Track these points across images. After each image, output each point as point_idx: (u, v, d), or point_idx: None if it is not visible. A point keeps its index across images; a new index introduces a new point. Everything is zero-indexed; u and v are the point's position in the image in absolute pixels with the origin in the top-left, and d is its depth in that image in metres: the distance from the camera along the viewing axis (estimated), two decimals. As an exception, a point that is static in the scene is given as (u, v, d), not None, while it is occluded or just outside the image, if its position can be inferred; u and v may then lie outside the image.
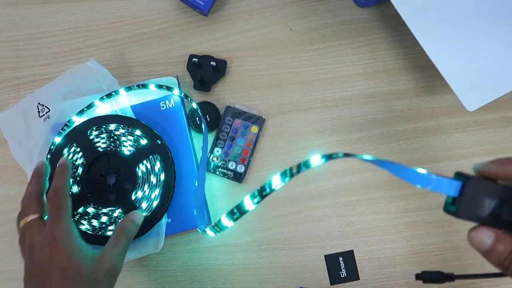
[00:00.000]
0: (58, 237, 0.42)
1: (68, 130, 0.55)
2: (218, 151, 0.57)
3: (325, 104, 0.59)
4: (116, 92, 0.55)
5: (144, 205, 0.53)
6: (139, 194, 0.53)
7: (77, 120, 0.55)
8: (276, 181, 0.33)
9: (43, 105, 0.56)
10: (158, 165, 0.53)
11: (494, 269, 0.33)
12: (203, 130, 0.55)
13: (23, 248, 0.43)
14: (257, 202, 0.35)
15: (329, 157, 0.32)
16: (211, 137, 0.58)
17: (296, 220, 0.57)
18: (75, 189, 0.53)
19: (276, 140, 0.58)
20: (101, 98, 0.55)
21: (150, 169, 0.53)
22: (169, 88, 0.55)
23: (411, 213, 0.57)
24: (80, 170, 0.54)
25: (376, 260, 0.56)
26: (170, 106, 0.56)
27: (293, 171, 0.32)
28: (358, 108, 0.59)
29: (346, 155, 0.32)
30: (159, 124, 0.55)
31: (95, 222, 0.53)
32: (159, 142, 0.53)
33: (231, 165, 0.57)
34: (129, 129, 0.54)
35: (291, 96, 0.59)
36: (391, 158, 0.58)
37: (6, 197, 0.57)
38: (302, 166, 0.32)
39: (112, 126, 0.54)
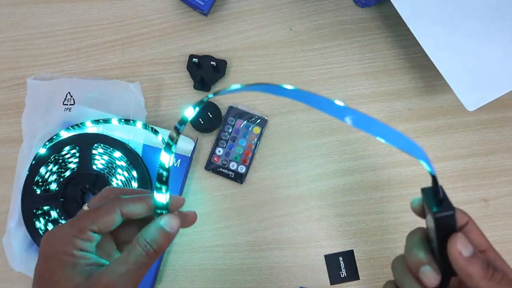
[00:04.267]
0: (53, 241, 0.33)
1: (80, 131, 0.55)
2: (219, 151, 0.57)
3: (325, 104, 0.59)
4: (134, 122, 0.55)
5: None
6: None
7: (90, 126, 0.55)
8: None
9: (71, 97, 0.57)
10: None
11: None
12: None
13: None
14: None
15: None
16: (212, 137, 0.58)
17: (296, 220, 0.57)
18: (53, 186, 0.54)
19: (276, 140, 0.58)
20: (119, 120, 0.55)
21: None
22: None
23: (411, 213, 0.57)
24: (67, 173, 0.54)
25: (376, 260, 0.56)
26: (175, 165, 0.55)
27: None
28: (358, 108, 0.59)
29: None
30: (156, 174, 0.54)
31: (49, 227, 0.53)
32: None
33: (232, 165, 0.57)
34: (130, 166, 0.54)
35: (291, 96, 0.59)
36: (391, 158, 0.58)
37: (6, 197, 0.57)
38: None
39: (117, 154, 0.54)
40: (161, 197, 0.33)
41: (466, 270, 0.29)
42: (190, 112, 0.32)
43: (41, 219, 0.53)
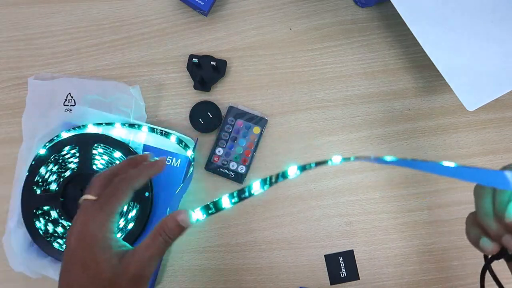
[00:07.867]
0: (89, 227, 0.36)
1: (81, 131, 0.55)
2: (219, 151, 0.57)
3: (325, 104, 0.59)
4: (139, 126, 0.55)
5: None
6: None
7: (91, 128, 0.55)
8: (256, 187, 0.36)
9: (72, 97, 0.57)
10: (133, 213, 0.53)
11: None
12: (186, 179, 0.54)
13: (70, 227, 0.38)
14: (234, 203, 0.37)
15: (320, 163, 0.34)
16: (212, 137, 0.58)
17: (296, 220, 0.57)
18: (53, 186, 0.54)
19: (276, 140, 0.58)
20: (123, 124, 0.55)
21: (124, 212, 0.53)
22: (186, 147, 0.55)
23: (411, 213, 0.57)
24: (67, 173, 0.54)
25: (376, 260, 0.56)
26: (175, 165, 0.55)
27: (272, 180, 0.36)
28: (358, 108, 0.59)
29: (357, 158, 0.32)
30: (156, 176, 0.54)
31: (50, 227, 0.53)
32: (147, 194, 0.53)
33: (232, 165, 0.57)
34: None
35: (291, 96, 0.59)
36: (391, 158, 0.58)
37: (6, 197, 0.57)
38: (280, 176, 0.35)
39: (117, 154, 0.54)
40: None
41: None
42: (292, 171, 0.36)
43: (41, 219, 0.53)
